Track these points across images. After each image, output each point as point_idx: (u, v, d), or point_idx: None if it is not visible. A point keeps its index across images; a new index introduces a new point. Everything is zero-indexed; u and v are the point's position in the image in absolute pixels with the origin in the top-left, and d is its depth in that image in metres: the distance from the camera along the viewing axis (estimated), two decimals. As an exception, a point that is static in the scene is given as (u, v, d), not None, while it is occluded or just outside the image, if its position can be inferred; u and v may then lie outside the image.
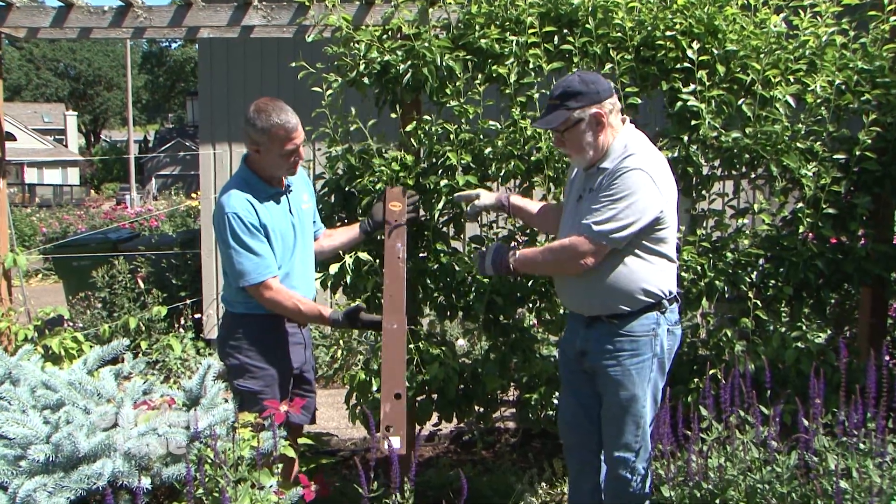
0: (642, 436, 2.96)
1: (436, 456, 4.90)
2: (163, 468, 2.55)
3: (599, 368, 2.97)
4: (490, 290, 3.64)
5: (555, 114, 2.90)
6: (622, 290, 2.88)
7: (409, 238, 3.72)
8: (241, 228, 3.13)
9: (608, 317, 2.93)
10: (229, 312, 3.35)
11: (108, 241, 8.92)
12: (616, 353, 2.93)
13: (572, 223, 2.96)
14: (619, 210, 2.77)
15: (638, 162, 2.80)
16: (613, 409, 2.97)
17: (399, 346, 3.18)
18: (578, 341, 3.04)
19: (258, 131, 3.15)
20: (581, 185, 3.00)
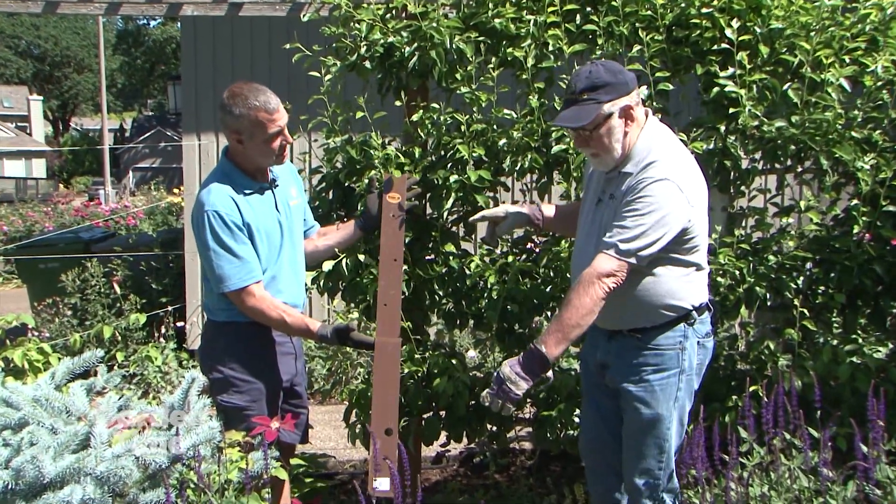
0: (666, 461, 2.96)
1: (444, 480, 4.90)
2: (140, 494, 2.54)
3: (620, 385, 2.98)
4: (504, 296, 3.64)
5: (581, 109, 2.84)
6: (645, 306, 2.89)
7: (414, 239, 3.73)
8: (221, 227, 3.13)
9: (630, 331, 2.94)
10: (211, 321, 3.36)
11: (79, 240, 8.94)
12: (639, 367, 2.93)
13: (589, 229, 2.98)
14: (647, 226, 2.76)
15: (663, 170, 2.79)
16: (634, 429, 2.97)
17: (392, 371, 3.19)
18: (599, 353, 3.05)
19: (236, 118, 3.16)
20: (600, 188, 3.00)
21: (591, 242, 2.92)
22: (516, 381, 2.79)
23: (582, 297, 2.76)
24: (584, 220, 3.07)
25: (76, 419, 2.77)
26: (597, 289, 2.76)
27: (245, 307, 3.19)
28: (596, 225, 2.93)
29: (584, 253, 2.94)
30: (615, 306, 2.88)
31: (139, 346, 6.66)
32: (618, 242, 2.77)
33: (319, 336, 3.24)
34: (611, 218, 2.85)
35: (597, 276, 2.76)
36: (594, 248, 2.86)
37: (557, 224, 3.36)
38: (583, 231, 3.05)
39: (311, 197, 3.97)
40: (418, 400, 3.66)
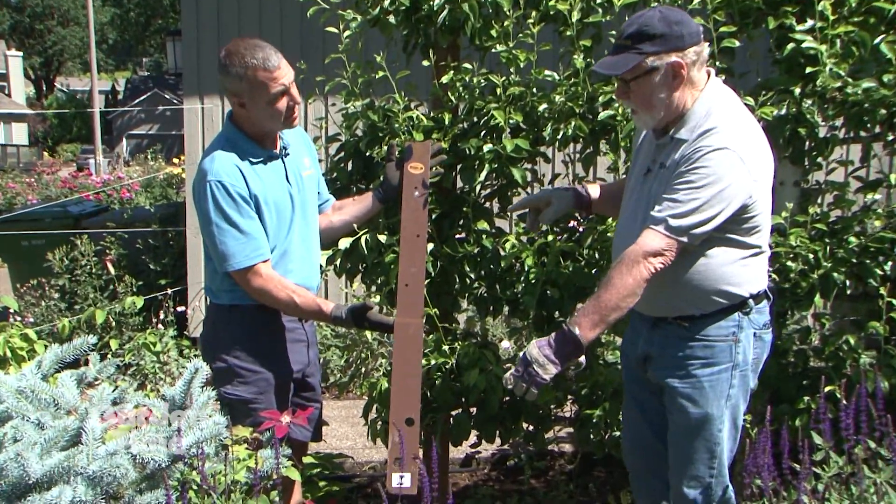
0: (718, 468, 2.95)
1: (474, 484, 4.92)
2: (136, 496, 2.56)
3: (665, 380, 2.98)
4: (543, 280, 3.63)
5: (622, 56, 2.83)
6: (694, 291, 2.87)
7: (442, 215, 3.73)
8: (225, 199, 3.15)
9: (676, 318, 2.93)
10: (214, 304, 3.40)
11: (67, 215, 9.01)
12: (685, 360, 2.92)
13: (636, 203, 2.96)
14: (702, 201, 2.73)
15: (724, 139, 2.76)
16: (681, 431, 2.97)
17: (413, 355, 3.20)
18: (641, 343, 3.05)
19: (234, 79, 3.17)
20: (649, 156, 2.99)
21: (638, 217, 2.92)
22: (544, 365, 2.80)
23: (624, 276, 2.75)
24: (630, 192, 3.05)
25: (65, 413, 2.78)
26: (641, 269, 2.75)
27: (251, 288, 3.21)
28: (643, 197, 2.92)
29: (629, 229, 2.94)
30: (661, 290, 2.88)
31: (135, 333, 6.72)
32: (668, 218, 2.75)
33: (333, 318, 3.27)
34: (661, 189, 2.83)
35: (642, 255, 2.75)
36: (641, 223, 2.86)
37: (604, 205, 3.36)
38: (628, 204, 3.03)
39: (328, 168, 3.98)
40: (446, 395, 3.67)
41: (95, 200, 11.66)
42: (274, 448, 2.65)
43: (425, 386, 3.65)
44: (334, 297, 7.09)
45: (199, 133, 7.54)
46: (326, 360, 6.81)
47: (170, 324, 7.08)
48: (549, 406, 3.88)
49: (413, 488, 2.86)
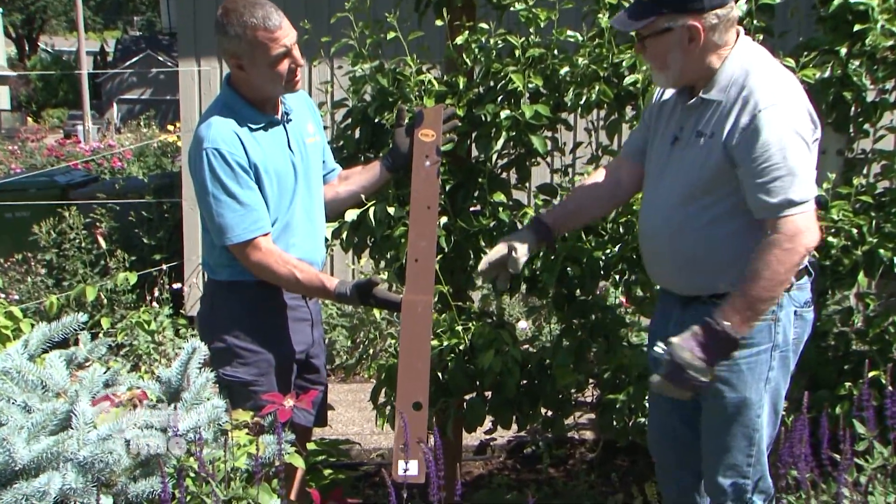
0: (756, 455, 2.96)
1: (488, 473, 4.95)
2: (130, 483, 2.56)
3: None
4: (564, 256, 3.63)
5: (638, 12, 2.85)
6: (733, 265, 2.84)
7: (456, 186, 3.73)
8: (222, 168, 3.15)
9: (711, 297, 2.92)
10: (212, 281, 3.41)
11: (54, 185, 9.01)
12: None
13: (662, 173, 2.95)
14: (799, 161, 2.72)
15: (768, 97, 2.74)
16: (717, 418, 2.97)
17: (422, 334, 3.20)
18: (672, 325, 3.04)
19: (232, 39, 3.16)
20: (675, 123, 2.98)
21: (668, 190, 2.92)
22: (703, 370, 2.75)
23: (774, 266, 2.71)
24: (655, 164, 3.05)
25: (54, 395, 2.78)
26: (793, 256, 2.72)
27: (250, 263, 3.22)
28: (673, 168, 2.92)
29: (663, 201, 2.94)
30: (694, 266, 2.90)
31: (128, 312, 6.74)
32: (787, 200, 2.70)
33: (337, 294, 3.26)
34: (703, 157, 2.82)
35: (790, 240, 2.71)
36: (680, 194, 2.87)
37: (566, 224, 3.37)
38: (654, 177, 3.03)
39: (334, 135, 3.98)
40: (459, 378, 3.68)
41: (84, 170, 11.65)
42: (276, 433, 2.66)
43: (437, 368, 3.66)
44: (340, 273, 7.10)
45: (196, 98, 7.54)
46: (332, 341, 6.83)
47: (165, 301, 7.10)
48: (568, 390, 3.88)
49: (420, 476, 2.86)
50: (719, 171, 2.81)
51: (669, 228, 2.93)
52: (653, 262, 3.11)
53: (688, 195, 2.88)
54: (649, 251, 3.10)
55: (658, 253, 3.03)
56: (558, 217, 3.32)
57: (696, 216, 2.87)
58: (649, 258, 3.12)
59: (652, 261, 3.11)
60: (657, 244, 3.02)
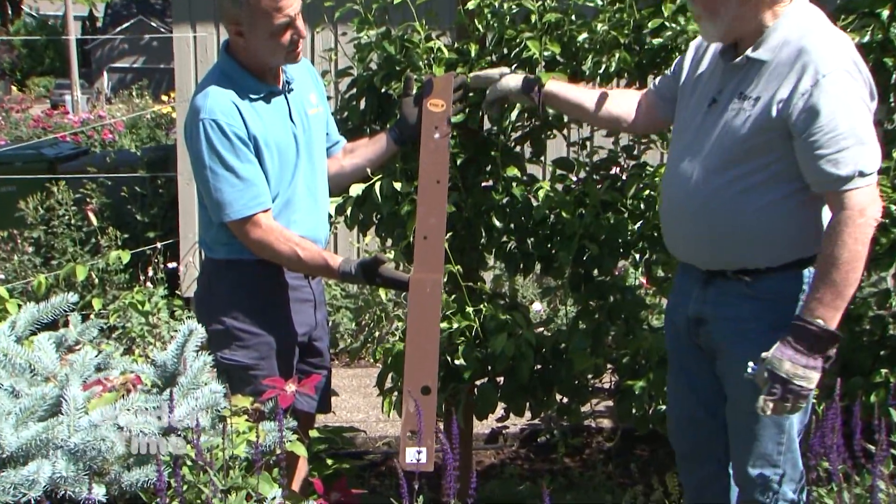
0: (788, 444, 2.95)
1: (500, 463, 4.96)
2: (123, 472, 2.56)
3: (722, 346, 2.97)
4: (581, 234, 3.64)
5: None
6: (764, 239, 2.84)
7: (467, 160, 3.73)
8: (220, 140, 3.15)
9: (737, 273, 2.91)
10: (209, 259, 3.42)
11: (41, 158, 9.01)
12: (748, 322, 2.91)
13: (701, 137, 2.91)
14: (866, 129, 2.70)
15: (834, 62, 2.71)
16: (744, 404, 2.94)
17: (430, 315, 3.20)
18: (692, 305, 3.05)
19: (234, 4, 3.16)
20: (713, 85, 2.95)
21: (700, 156, 2.90)
22: (807, 375, 2.70)
23: (850, 246, 2.67)
24: (685, 127, 3.02)
25: (43, 380, 2.79)
26: (866, 229, 2.69)
27: (249, 240, 3.23)
28: (707, 133, 2.89)
29: (685, 170, 2.93)
30: (721, 238, 2.88)
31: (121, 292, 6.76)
32: (856, 173, 2.67)
33: (341, 273, 3.27)
34: (744, 121, 2.79)
35: (859, 215, 2.68)
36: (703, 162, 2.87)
37: (560, 102, 3.40)
38: (683, 141, 3.00)
39: (338, 106, 3.98)
40: (469, 363, 3.69)
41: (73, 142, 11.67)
42: (277, 420, 2.67)
43: (447, 352, 3.67)
44: (344, 251, 7.10)
45: (191, 66, 7.53)
46: (336, 323, 6.84)
47: (159, 281, 7.12)
48: (585, 376, 3.89)
49: (430, 465, 2.85)
50: (762, 139, 2.78)
51: (699, 197, 2.90)
52: (676, 233, 3.08)
53: (722, 162, 2.85)
54: (673, 221, 3.08)
55: (683, 224, 3.01)
56: (560, 95, 3.35)
57: (729, 185, 2.84)
58: (672, 229, 3.10)
59: (675, 232, 3.09)
60: (683, 214, 2.98)
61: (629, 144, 3.82)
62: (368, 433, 5.35)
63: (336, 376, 5.33)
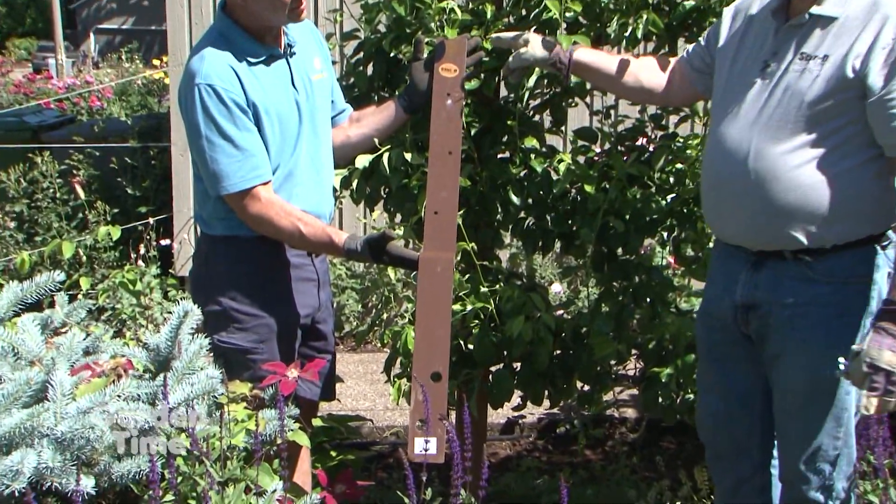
0: (844, 438, 2.93)
1: (516, 455, 4.99)
2: (113, 462, 2.57)
3: (777, 333, 2.94)
4: (605, 209, 3.63)
5: None
6: (834, 212, 2.80)
7: (482, 130, 3.72)
8: (217, 107, 3.15)
9: (796, 253, 2.88)
10: (206, 236, 3.44)
11: (24, 127, 9.00)
12: (808, 307, 2.88)
13: (748, 107, 2.88)
14: None
15: None
16: (798, 396, 2.94)
17: (441, 296, 3.20)
18: (740, 290, 3.01)
19: None
20: (771, 47, 2.90)
21: (753, 125, 2.86)
22: None
23: None
24: (732, 95, 2.98)
25: (27, 364, 2.80)
26: None
27: (248, 215, 3.24)
28: (760, 100, 2.86)
29: (735, 141, 2.89)
30: (783, 214, 2.83)
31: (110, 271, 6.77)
32: None
33: (346, 251, 3.27)
34: (810, 84, 2.76)
35: None
36: (758, 132, 2.83)
37: (620, 81, 3.36)
38: (730, 111, 2.96)
39: (344, 72, 3.97)
40: (484, 347, 3.70)
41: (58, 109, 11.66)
42: (278, 408, 2.68)
43: (459, 336, 3.68)
44: (350, 227, 7.11)
45: (185, 27, 7.52)
46: (341, 305, 6.86)
47: (152, 260, 7.13)
48: (608, 362, 3.89)
49: (440, 456, 2.86)
50: (834, 101, 2.75)
51: (754, 170, 2.84)
52: (724, 212, 3.02)
53: (784, 130, 2.80)
54: (721, 198, 3.01)
55: (733, 200, 2.94)
56: (592, 64, 3.34)
57: (791, 155, 2.80)
58: (720, 207, 3.04)
59: (723, 211, 3.02)
60: (733, 189, 2.92)
61: (657, 113, 3.81)
62: (375, 422, 5.38)
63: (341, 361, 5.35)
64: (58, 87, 16.25)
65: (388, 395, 3.99)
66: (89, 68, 23.80)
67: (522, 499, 4.38)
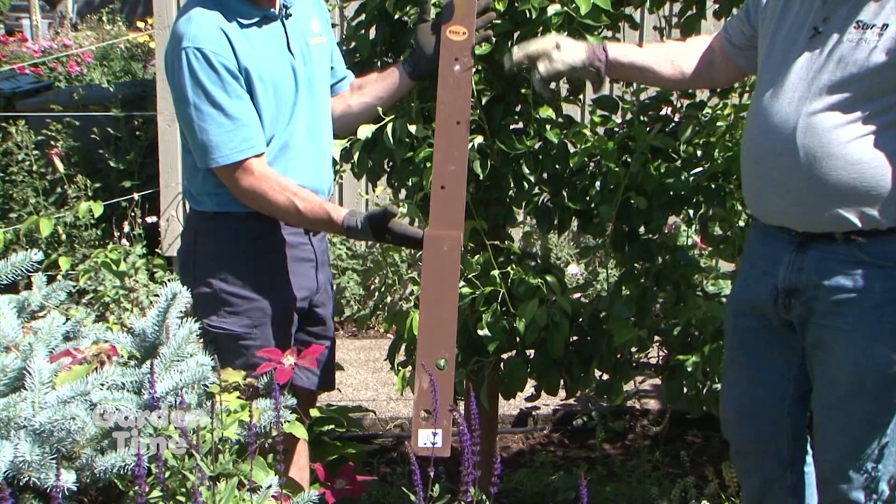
0: (892, 434, 2.92)
1: (529, 449, 5.00)
2: (96, 456, 2.58)
3: (824, 319, 2.92)
4: (626, 184, 3.64)
5: None
6: (879, 190, 2.79)
7: (494, 99, 3.72)
8: (205, 72, 3.14)
9: (847, 234, 2.86)
10: (195, 212, 3.45)
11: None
12: (860, 294, 2.86)
13: (801, 75, 2.86)
14: None
15: None
16: (844, 387, 2.92)
17: (448, 279, 3.20)
18: (783, 273, 2.99)
19: None
20: (819, 12, 2.88)
21: (802, 97, 2.84)
22: None
23: None
24: (777, 65, 2.96)
25: (3, 349, 2.81)
26: None
27: (240, 189, 3.24)
28: (810, 70, 2.84)
29: (781, 115, 2.87)
30: (835, 193, 2.81)
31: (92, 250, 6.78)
32: None
33: (346, 228, 3.26)
34: (867, 54, 2.75)
35: None
36: (808, 105, 2.81)
37: (625, 68, 3.36)
38: (775, 82, 2.94)
39: (345, 35, 3.97)
40: (495, 333, 3.70)
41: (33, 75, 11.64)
42: (273, 397, 2.69)
43: (468, 321, 3.69)
44: (350, 204, 7.11)
45: (173, -13, 7.52)
46: (341, 287, 6.87)
47: (137, 238, 7.12)
48: (628, 349, 3.90)
49: (445, 449, 2.87)
50: (893, 74, 2.74)
51: (803, 147, 2.82)
52: (768, 191, 2.99)
53: (836, 103, 2.79)
54: (764, 177, 2.99)
55: (778, 178, 2.92)
56: (629, 62, 3.31)
57: (844, 130, 2.78)
58: (763, 186, 3.01)
59: (766, 190, 3.00)
60: (778, 166, 2.90)
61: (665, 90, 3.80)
62: (378, 413, 5.39)
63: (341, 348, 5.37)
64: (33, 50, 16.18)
65: (391, 384, 4.01)
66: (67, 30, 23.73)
67: (536, 496, 4.39)
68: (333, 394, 4.17)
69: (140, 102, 8.57)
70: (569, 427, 5.21)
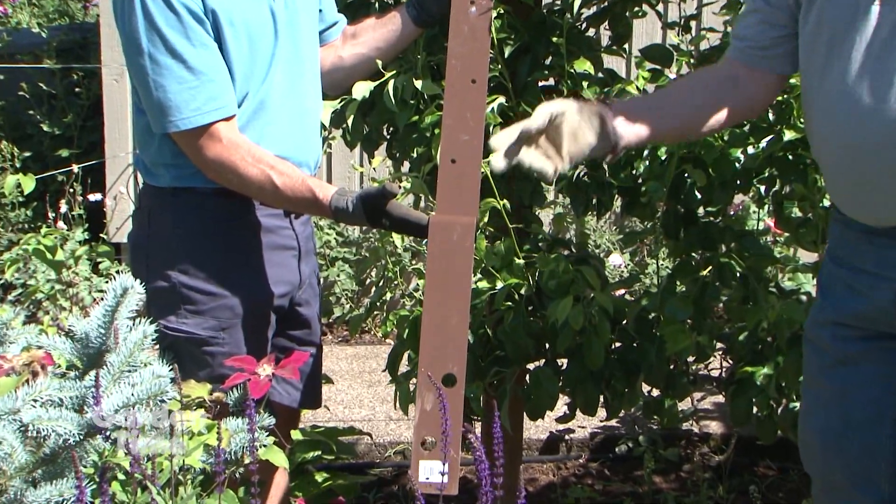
0: None
1: (561, 482, 5.02)
2: (27, 489, 2.62)
3: None
4: (680, 155, 3.64)
5: None
6: None
7: (519, 51, 3.73)
8: (164, 16, 3.12)
9: None
10: (150, 187, 3.45)
11: None
12: None
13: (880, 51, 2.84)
14: None
15: None
16: None
17: (459, 273, 3.18)
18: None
19: None
20: None
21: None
22: None
23: None
24: (837, 37, 2.92)
25: None
26: None
27: (204, 160, 3.23)
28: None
29: (881, 97, 2.83)
30: None
31: (21, 235, 6.81)
32: None
33: (334, 210, 3.21)
34: None
35: None
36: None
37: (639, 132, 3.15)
38: (845, 56, 2.92)
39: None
40: (520, 338, 3.72)
41: (-50, 19, 11.73)
42: (247, 416, 2.71)
43: (486, 324, 3.72)
44: (341, 179, 7.14)
45: None
46: (330, 282, 6.90)
47: (77, 220, 7.15)
48: (684, 359, 3.91)
49: (453, 486, 2.81)
50: None
51: None
52: (876, 190, 2.91)
53: None
54: (868, 174, 2.91)
55: (890, 174, 2.86)
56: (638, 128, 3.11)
57: None
58: (869, 188, 2.93)
59: (875, 191, 2.92)
60: (889, 160, 2.83)
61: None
62: (374, 437, 5.42)
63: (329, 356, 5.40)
64: (-51, -12, 16.28)
65: (391, 401, 4.01)
66: (-9, -36, 23.81)
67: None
68: (320, 412, 4.19)
69: (80, 52, 8.59)
70: (610, 455, 5.23)
